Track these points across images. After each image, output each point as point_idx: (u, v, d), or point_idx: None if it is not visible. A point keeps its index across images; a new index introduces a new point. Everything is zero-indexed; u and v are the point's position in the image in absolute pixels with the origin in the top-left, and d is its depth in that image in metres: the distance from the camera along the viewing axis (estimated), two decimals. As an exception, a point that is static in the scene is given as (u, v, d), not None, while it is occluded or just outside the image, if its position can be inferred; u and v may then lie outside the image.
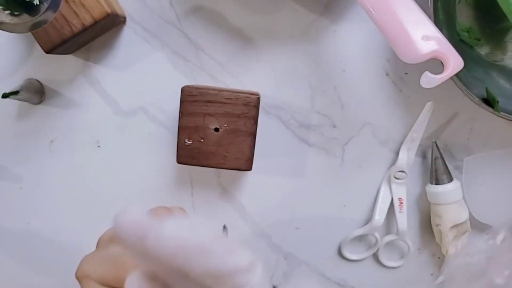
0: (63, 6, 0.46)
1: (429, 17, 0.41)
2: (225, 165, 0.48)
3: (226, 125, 0.47)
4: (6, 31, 0.41)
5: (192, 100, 0.47)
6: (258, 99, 0.47)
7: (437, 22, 0.46)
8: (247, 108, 0.45)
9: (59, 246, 0.55)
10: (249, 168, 0.48)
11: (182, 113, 0.47)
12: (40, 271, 0.56)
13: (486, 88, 0.48)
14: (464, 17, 0.50)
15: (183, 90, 0.46)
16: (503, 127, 0.54)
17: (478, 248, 0.50)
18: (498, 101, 0.47)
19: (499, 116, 0.47)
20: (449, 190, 0.51)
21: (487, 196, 0.54)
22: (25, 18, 0.41)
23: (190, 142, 0.47)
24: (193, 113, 0.47)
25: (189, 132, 0.47)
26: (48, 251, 0.55)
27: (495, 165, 0.54)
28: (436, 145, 0.53)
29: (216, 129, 0.47)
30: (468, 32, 0.51)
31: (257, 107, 0.47)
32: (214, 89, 0.46)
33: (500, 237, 0.50)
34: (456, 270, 0.50)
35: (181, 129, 0.47)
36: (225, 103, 0.47)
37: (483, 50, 0.52)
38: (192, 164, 0.48)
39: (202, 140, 0.47)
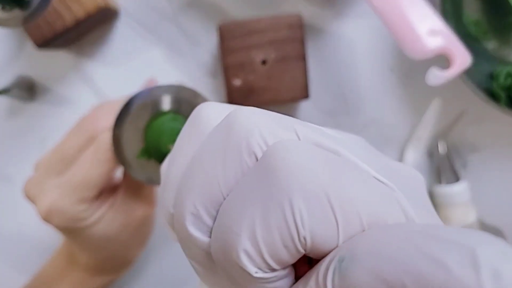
0: (55, 0, 0.45)
1: (436, 8, 0.40)
2: (281, 98, 0.45)
3: (272, 54, 0.44)
4: (-4, 25, 0.40)
5: (232, 36, 0.44)
6: (301, 18, 0.44)
7: (444, 14, 0.45)
8: (291, 31, 0.43)
9: (53, 248, 0.54)
10: (306, 95, 0.45)
11: (224, 52, 0.44)
12: (30, 272, 0.55)
13: (493, 84, 0.48)
14: (472, 9, 0.50)
15: (221, 27, 0.44)
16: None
17: None
18: (504, 98, 0.46)
19: (507, 113, 0.46)
20: (456, 191, 0.50)
21: (494, 196, 0.53)
22: (16, 12, 0.40)
23: (239, 82, 0.45)
24: (236, 49, 0.45)
25: (236, 70, 0.45)
26: (41, 253, 0.54)
27: (502, 164, 0.53)
28: (443, 144, 0.52)
29: (263, 62, 0.45)
30: (475, 25, 0.50)
31: (301, 27, 0.44)
32: (252, 19, 0.44)
33: None
34: None
35: (226, 69, 0.45)
36: (266, 30, 0.44)
37: (490, 45, 0.51)
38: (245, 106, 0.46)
39: (251, 77, 0.45)
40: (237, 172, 0.19)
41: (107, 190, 0.41)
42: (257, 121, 0.19)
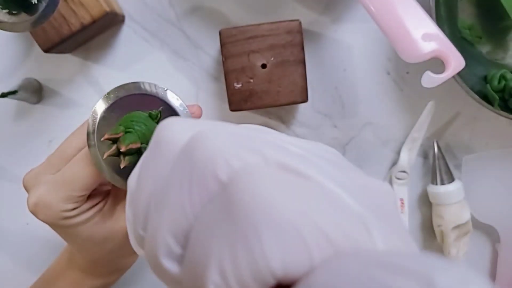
0: (61, 5, 0.45)
1: (431, 13, 0.41)
2: (280, 102, 0.46)
3: (272, 58, 0.45)
4: (4, 30, 0.41)
5: (233, 40, 0.45)
6: (300, 24, 0.45)
7: (438, 19, 0.46)
8: (291, 36, 0.43)
9: (59, 246, 0.55)
10: (305, 99, 0.46)
11: (225, 56, 0.45)
12: (39, 272, 0.55)
13: (487, 87, 0.48)
14: (466, 14, 0.50)
15: (222, 32, 0.45)
16: (505, 127, 0.53)
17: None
18: (498, 100, 0.47)
19: (500, 115, 0.46)
20: (450, 191, 0.51)
21: (487, 195, 0.54)
22: (23, 17, 0.41)
23: (240, 85, 0.46)
24: (237, 54, 0.46)
25: (236, 74, 0.46)
26: (49, 252, 0.55)
27: (495, 164, 0.54)
28: (438, 145, 0.52)
29: (264, 66, 0.46)
30: (469, 29, 0.50)
31: (301, 32, 0.45)
32: (253, 25, 0.45)
33: None
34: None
35: (228, 73, 0.46)
36: (267, 35, 0.45)
37: (484, 48, 0.51)
38: (246, 109, 0.47)
39: (252, 80, 0.46)
40: (202, 198, 0.18)
41: (100, 195, 0.40)
42: (221, 144, 0.18)
